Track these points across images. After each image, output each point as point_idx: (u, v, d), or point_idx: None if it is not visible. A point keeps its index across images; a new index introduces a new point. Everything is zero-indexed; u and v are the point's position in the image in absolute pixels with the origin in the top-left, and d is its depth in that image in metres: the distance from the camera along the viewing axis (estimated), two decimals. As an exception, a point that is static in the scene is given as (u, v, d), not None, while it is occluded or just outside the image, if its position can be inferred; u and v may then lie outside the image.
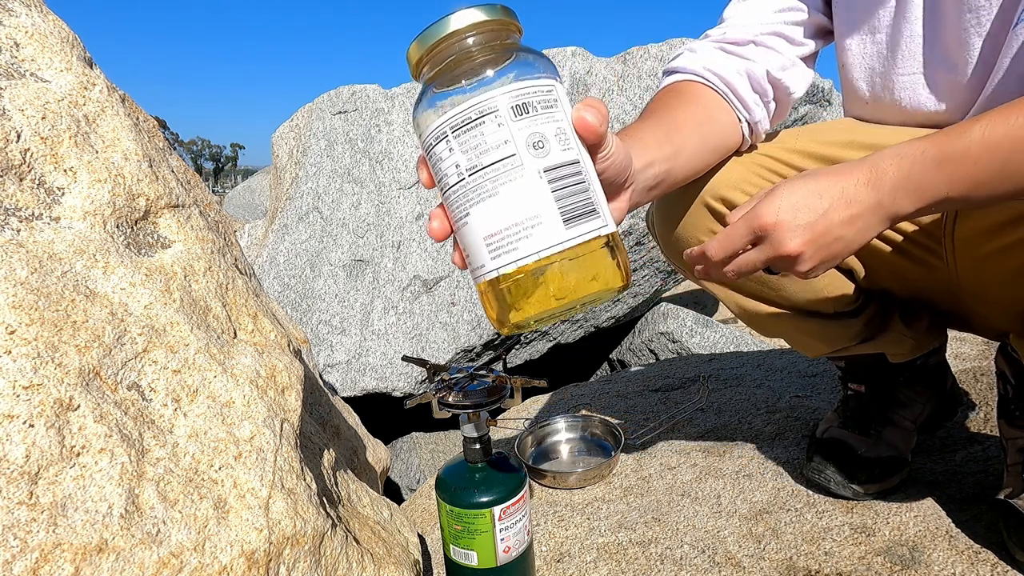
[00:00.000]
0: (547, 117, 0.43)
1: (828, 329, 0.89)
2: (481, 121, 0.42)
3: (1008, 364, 0.88)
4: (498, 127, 0.42)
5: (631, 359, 2.25)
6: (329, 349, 2.09)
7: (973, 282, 0.79)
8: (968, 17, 0.69)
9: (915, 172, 0.58)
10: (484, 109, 0.42)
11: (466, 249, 0.45)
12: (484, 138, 0.42)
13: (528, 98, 0.43)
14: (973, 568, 0.77)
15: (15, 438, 0.47)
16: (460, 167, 0.43)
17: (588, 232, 0.43)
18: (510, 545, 0.75)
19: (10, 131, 0.58)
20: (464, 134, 0.43)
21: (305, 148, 2.42)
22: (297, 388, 0.70)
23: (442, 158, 0.44)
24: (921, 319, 0.93)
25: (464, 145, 0.43)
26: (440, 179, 0.45)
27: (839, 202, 0.60)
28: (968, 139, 0.55)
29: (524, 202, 0.42)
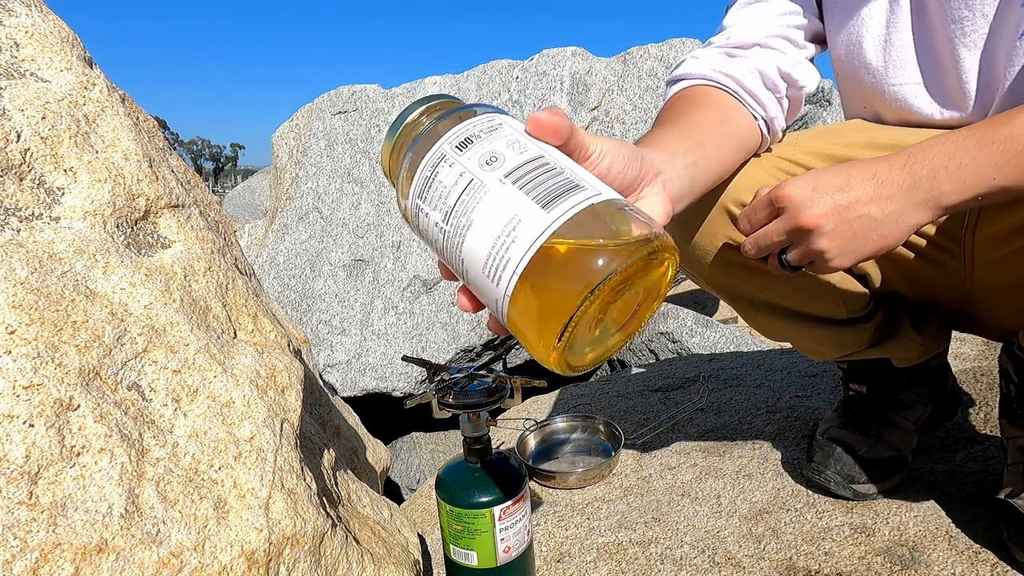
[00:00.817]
0: (492, 138, 0.43)
1: (838, 335, 0.89)
2: (436, 171, 0.43)
3: (1012, 363, 0.87)
4: (449, 167, 0.42)
5: (631, 359, 2.25)
6: (329, 349, 2.09)
7: (987, 283, 0.79)
8: (952, 28, 0.69)
9: (959, 154, 0.55)
10: (435, 162, 0.43)
11: (486, 302, 0.42)
12: (442, 183, 0.42)
13: (469, 132, 0.43)
14: (973, 568, 0.77)
15: (15, 438, 0.47)
16: (439, 224, 0.43)
17: (576, 204, 0.39)
18: (510, 545, 0.75)
19: (10, 131, 0.58)
20: (428, 192, 0.43)
21: (305, 148, 2.42)
22: (297, 388, 0.70)
23: (426, 228, 0.44)
24: (931, 324, 0.93)
25: (432, 202, 0.43)
26: (436, 250, 0.45)
27: (867, 181, 0.57)
28: (1013, 126, 0.54)
29: (498, 212, 0.40)
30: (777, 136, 0.81)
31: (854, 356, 0.94)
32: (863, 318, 0.88)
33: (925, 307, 0.92)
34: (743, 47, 0.78)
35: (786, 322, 0.89)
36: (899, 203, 0.56)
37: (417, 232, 0.47)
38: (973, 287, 0.81)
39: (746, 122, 0.75)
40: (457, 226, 0.41)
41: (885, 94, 0.78)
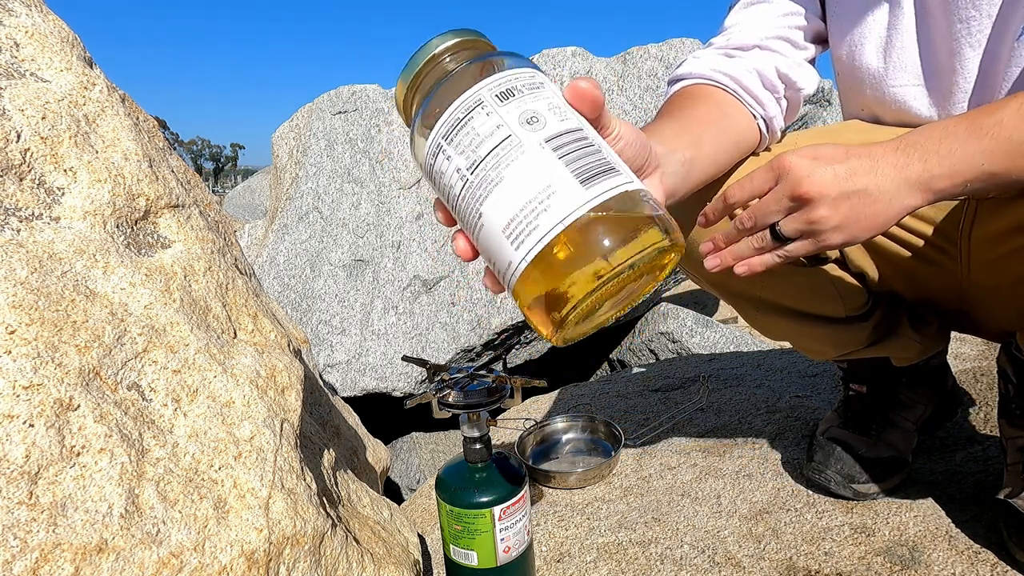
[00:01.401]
0: (535, 96, 0.42)
1: (837, 334, 0.89)
2: (469, 117, 0.41)
3: (1010, 363, 0.87)
4: (487, 116, 0.41)
5: (631, 359, 2.25)
6: (329, 349, 2.09)
7: (985, 283, 0.79)
8: (959, 28, 0.69)
9: (948, 139, 0.55)
10: (470, 105, 0.41)
11: (491, 259, 0.42)
12: (476, 131, 0.41)
13: (511, 84, 0.42)
14: (973, 568, 0.77)
15: (15, 438, 0.47)
16: (461, 170, 0.41)
17: (612, 188, 0.39)
18: (510, 545, 0.75)
19: (10, 131, 0.58)
20: (456, 136, 0.41)
21: (305, 148, 2.42)
22: (297, 388, 0.70)
23: (443, 171, 0.42)
24: (930, 323, 0.93)
25: (459, 146, 0.41)
26: (448, 196, 0.43)
27: (863, 158, 0.57)
28: (1002, 113, 0.54)
29: (533, 176, 0.39)
30: (776, 136, 0.81)
31: (853, 355, 0.94)
32: (861, 317, 0.88)
33: (924, 307, 0.92)
34: (743, 48, 0.79)
35: (785, 320, 0.89)
36: (893, 182, 0.56)
37: (427, 171, 0.45)
38: (970, 287, 0.81)
39: (745, 120, 0.76)
40: (484, 179, 0.40)
41: (885, 95, 0.78)
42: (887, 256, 0.83)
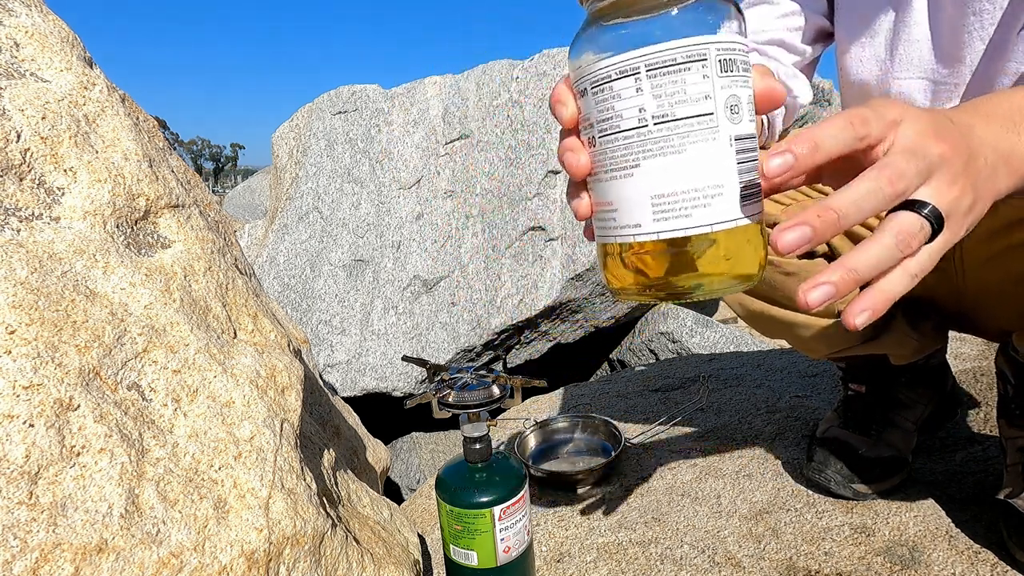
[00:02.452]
0: (744, 80, 0.38)
1: (831, 330, 0.89)
2: (686, 67, 0.37)
3: (1008, 364, 0.88)
4: (703, 79, 0.37)
5: (631, 359, 2.25)
6: (329, 349, 2.09)
7: (980, 282, 0.79)
8: (972, 20, 0.69)
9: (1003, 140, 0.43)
10: (693, 55, 0.36)
11: (614, 202, 0.39)
12: (685, 87, 0.37)
13: (733, 55, 0.38)
14: (973, 568, 0.77)
15: (15, 438, 0.47)
16: (645, 112, 0.37)
17: (755, 214, 0.38)
18: (510, 545, 0.75)
19: (10, 131, 0.58)
20: (662, 76, 0.37)
21: (305, 148, 2.42)
22: (297, 388, 0.70)
23: (620, 96, 0.38)
24: (926, 320, 0.93)
25: (659, 89, 0.37)
26: (602, 119, 0.39)
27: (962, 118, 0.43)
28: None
29: (711, 168, 0.37)
30: (775, 137, 0.82)
31: (848, 352, 0.94)
32: None
33: (921, 304, 0.92)
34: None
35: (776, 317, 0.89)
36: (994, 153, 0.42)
37: (589, 85, 0.39)
38: (967, 286, 0.81)
39: None
40: (665, 140, 0.37)
41: (890, 88, 0.78)
42: None
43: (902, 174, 0.37)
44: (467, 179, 2.17)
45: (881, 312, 0.39)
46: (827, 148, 0.37)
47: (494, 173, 2.14)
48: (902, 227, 0.38)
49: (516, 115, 2.16)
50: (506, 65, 2.24)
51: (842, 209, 0.37)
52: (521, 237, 2.04)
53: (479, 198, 2.13)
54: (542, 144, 2.09)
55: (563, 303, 2.00)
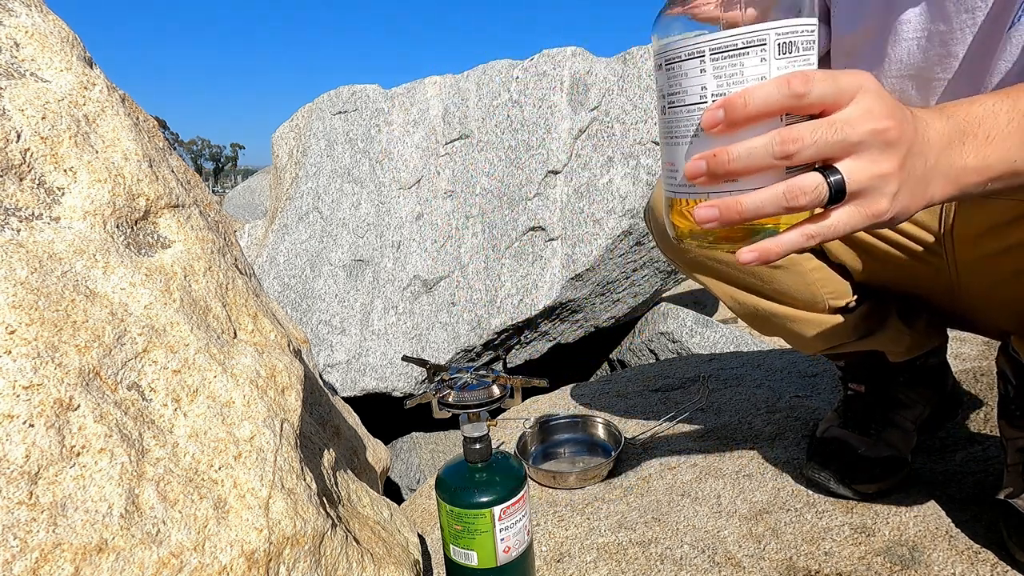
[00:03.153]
0: (804, 60, 0.42)
1: (823, 325, 0.89)
2: (745, 52, 0.41)
3: (1009, 364, 0.88)
4: (760, 62, 0.41)
5: (631, 359, 2.25)
6: (329, 349, 2.09)
7: (973, 281, 0.79)
8: (964, 17, 0.69)
9: (988, 121, 0.46)
10: (752, 40, 0.40)
11: (675, 163, 0.45)
12: (743, 70, 0.41)
13: (795, 37, 0.41)
14: (973, 568, 0.77)
15: (15, 438, 0.47)
16: (707, 90, 0.42)
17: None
18: (510, 545, 0.75)
19: (10, 131, 0.58)
20: (723, 59, 0.41)
21: (305, 148, 2.42)
22: (297, 388, 0.70)
23: (686, 74, 0.42)
24: (919, 316, 0.93)
25: (719, 71, 0.41)
26: (677, 92, 0.43)
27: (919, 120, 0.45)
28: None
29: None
30: None
31: (843, 348, 0.94)
32: (846, 308, 0.88)
33: (916, 303, 0.92)
34: None
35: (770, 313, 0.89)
36: (934, 157, 0.45)
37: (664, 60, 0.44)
38: (961, 286, 0.81)
39: None
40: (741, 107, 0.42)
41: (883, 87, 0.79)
42: (872, 252, 0.84)
43: (797, 138, 0.40)
44: (467, 179, 2.17)
45: (768, 258, 0.44)
46: (757, 104, 0.40)
47: (494, 173, 2.14)
48: (797, 182, 0.41)
49: (516, 115, 2.16)
50: (506, 65, 2.24)
51: (732, 153, 0.41)
52: (521, 237, 2.04)
53: (479, 198, 2.13)
54: (542, 144, 2.09)
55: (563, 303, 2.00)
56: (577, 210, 2.00)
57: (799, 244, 0.43)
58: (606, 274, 2.02)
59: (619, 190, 1.97)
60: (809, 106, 0.41)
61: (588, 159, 2.05)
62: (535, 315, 1.97)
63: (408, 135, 2.28)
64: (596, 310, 2.11)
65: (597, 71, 2.13)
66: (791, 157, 0.41)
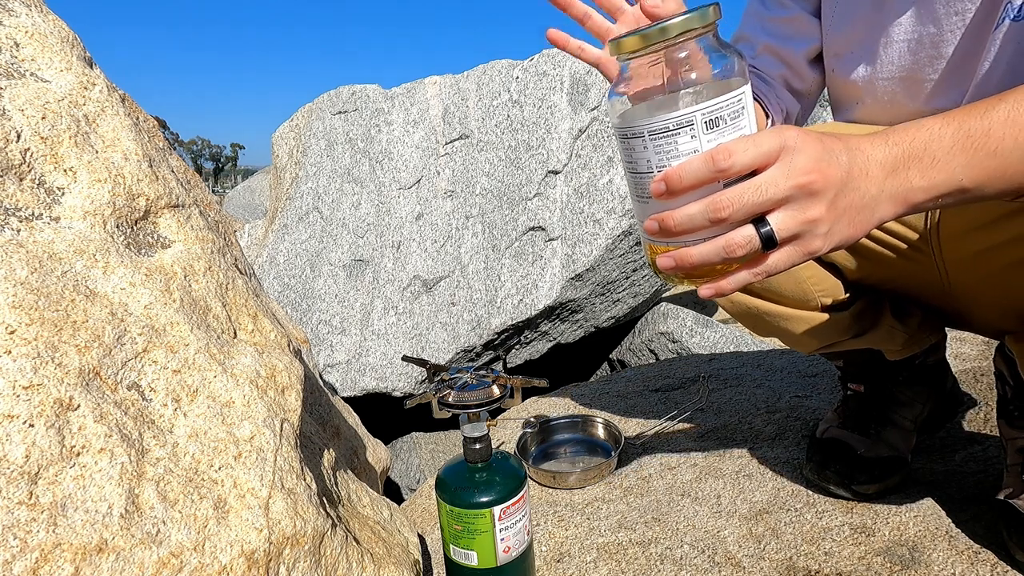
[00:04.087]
0: (733, 127, 0.48)
1: (816, 323, 0.90)
2: (677, 132, 0.47)
3: (1006, 364, 0.88)
4: (691, 139, 0.47)
5: (631, 359, 2.25)
6: (329, 349, 2.09)
7: (963, 279, 0.80)
8: (955, 20, 0.69)
9: (933, 145, 0.49)
10: (680, 122, 0.47)
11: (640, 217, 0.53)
12: (677, 147, 0.47)
13: (721, 112, 0.47)
14: (973, 568, 0.77)
15: (15, 438, 0.47)
16: (651, 163, 0.49)
17: None
18: (510, 545, 0.75)
19: (10, 131, 0.58)
20: (660, 139, 0.48)
21: (305, 148, 2.42)
22: (297, 388, 0.70)
23: (634, 149, 0.50)
24: (913, 314, 0.93)
25: (658, 148, 0.48)
26: (631, 161, 0.51)
27: (857, 153, 0.49)
28: (991, 118, 0.49)
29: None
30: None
31: (838, 346, 0.95)
32: (839, 307, 0.89)
33: (911, 301, 0.92)
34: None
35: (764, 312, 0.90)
36: (878, 187, 0.49)
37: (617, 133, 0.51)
38: (952, 284, 0.81)
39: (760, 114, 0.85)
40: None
41: (875, 88, 0.79)
42: (861, 251, 0.84)
43: (728, 204, 0.47)
44: (467, 179, 2.17)
45: (722, 293, 0.51)
46: (689, 180, 0.47)
47: (494, 173, 2.14)
48: (733, 237, 0.47)
49: (516, 115, 2.16)
50: (506, 65, 2.24)
51: (676, 217, 0.48)
52: (521, 237, 2.04)
53: (479, 198, 2.13)
54: (542, 144, 2.09)
55: (563, 303, 2.00)
56: (577, 210, 2.00)
57: (747, 280, 0.50)
58: (606, 274, 2.02)
59: (619, 190, 1.97)
60: (736, 174, 0.47)
61: (588, 159, 2.05)
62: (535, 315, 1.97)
63: (408, 135, 2.28)
64: (596, 310, 2.12)
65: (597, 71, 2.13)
66: (724, 221, 0.47)
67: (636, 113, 0.50)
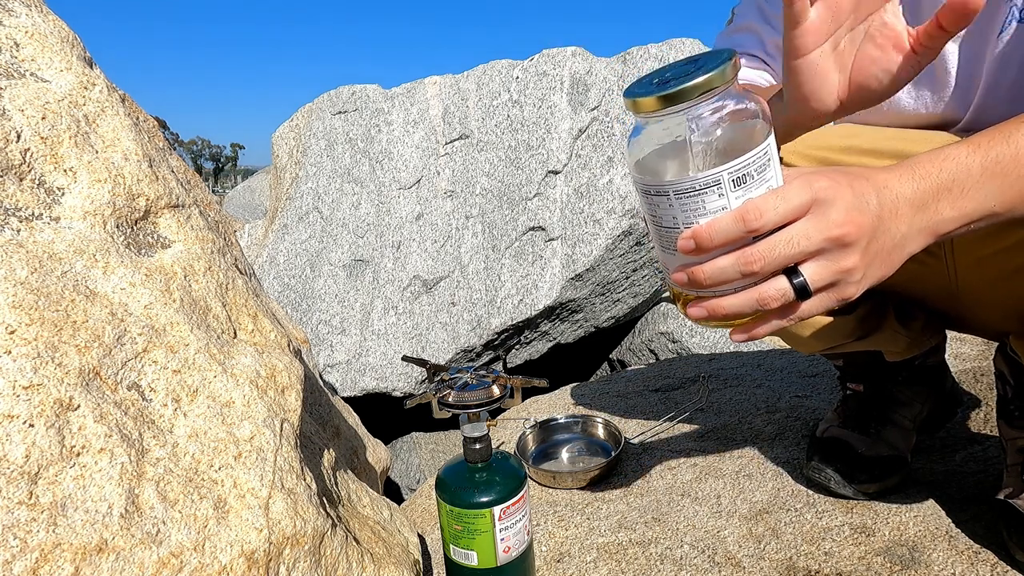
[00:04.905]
0: (760, 182, 0.46)
1: (820, 326, 0.90)
2: (704, 192, 0.46)
3: (1007, 365, 0.88)
4: (719, 197, 0.46)
5: (631, 359, 2.25)
6: (329, 349, 2.09)
7: (972, 283, 0.79)
8: None
9: (962, 176, 0.49)
10: (708, 182, 0.46)
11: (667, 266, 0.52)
12: (704, 204, 0.46)
13: (747, 169, 0.46)
14: (973, 568, 0.77)
15: (15, 438, 0.47)
16: (677, 220, 0.48)
17: None
18: (510, 545, 0.76)
19: (10, 131, 0.58)
20: (686, 198, 0.47)
21: (305, 148, 2.42)
22: (297, 388, 0.70)
23: (659, 205, 0.49)
24: (917, 318, 0.93)
25: (684, 207, 0.47)
26: (655, 215, 0.50)
27: (886, 192, 0.48)
28: (1016, 141, 0.49)
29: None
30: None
31: (841, 348, 0.95)
32: (843, 309, 0.89)
33: (916, 304, 0.92)
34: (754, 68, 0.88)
35: None
36: (908, 225, 0.49)
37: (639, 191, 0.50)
38: (960, 287, 0.81)
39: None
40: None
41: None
42: None
43: (759, 258, 0.46)
44: (467, 179, 2.17)
45: (756, 337, 0.51)
46: (719, 239, 0.46)
47: (494, 173, 2.14)
48: (765, 290, 0.47)
49: (516, 115, 2.16)
50: (506, 65, 2.24)
51: (707, 271, 0.47)
52: (521, 237, 2.04)
53: (479, 198, 2.13)
54: (542, 144, 2.09)
55: (563, 303, 2.00)
56: (577, 210, 2.00)
57: (780, 326, 0.50)
58: (606, 274, 2.02)
59: (619, 190, 1.97)
60: (766, 232, 0.46)
61: (588, 159, 2.05)
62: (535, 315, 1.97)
63: (408, 135, 2.28)
64: (596, 310, 2.12)
65: (597, 71, 2.13)
66: (756, 275, 0.46)
67: (658, 168, 0.48)
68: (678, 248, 0.48)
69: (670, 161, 0.48)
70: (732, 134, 0.46)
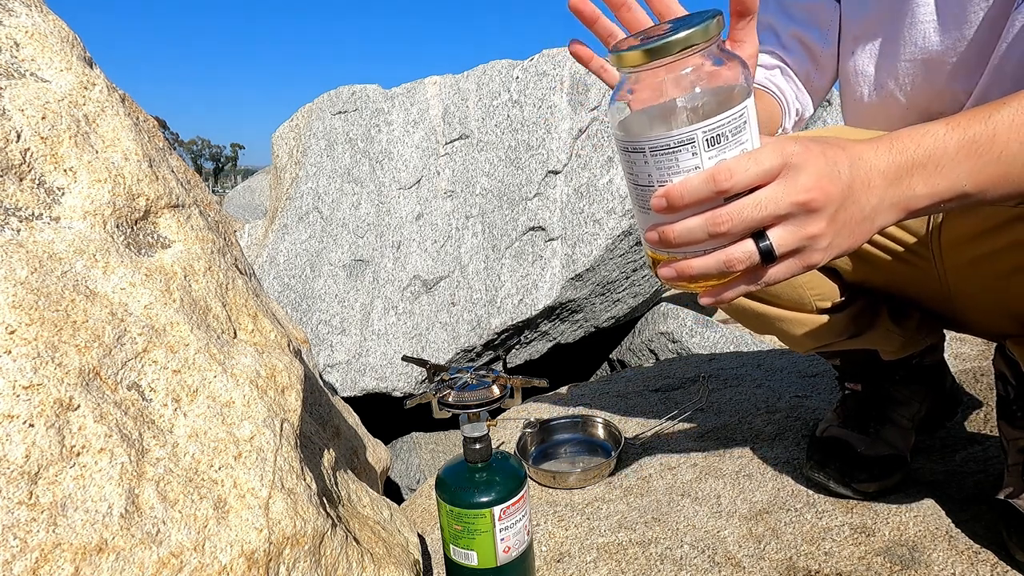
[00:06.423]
0: (735, 144, 0.47)
1: (812, 325, 0.90)
2: (678, 150, 0.47)
3: (1007, 365, 0.88)
4: (692, 155, 0.47)
5: (631, 359, 2.25)
6: (329, 349, 2.09)
7: (964, 285, 0.80)
8: (980, 2, 0.69)
9: (937, 153, 0.49)
10: (682, 140, 0.46)
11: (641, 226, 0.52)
12: (678, 163, 0.47)
13: (721, 129, 0.46)
14: (973, 568, 0.77)
15: (15, 438, 0.47)
16: (652, 178, 0.49)
17: None
18: (510, 545, 0.75)
19: (10, 131, 0.58)
20: (661, 155, 0.47)
21: (305, 148, 2.42)
22: (297, 388, 0.70)
23: (636, 163, 0.49)
24: (911, 317, 0.93)
25: (658, 164, 0.48)
26: (632, 173, 0.50)
27: (858, 163, 0.49)
28: (996, 123, 0.49)
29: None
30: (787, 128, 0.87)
31: (834, 346, 0.95)
32: (836, 308, 0.89)
33: (910, 304, 0.92)
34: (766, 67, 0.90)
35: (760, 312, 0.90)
36: (879, 197, 0.49)
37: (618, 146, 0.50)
38: (953, 289, 0.81)
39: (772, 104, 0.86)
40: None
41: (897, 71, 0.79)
42: (860, 255, 0.84)
43: (727, 219, 0.47)
44: (467, 179, 2.17)
45: (722, 302, 0.52)
46: (690, 197, 0.47)
47: (494, 173, 2.14)
48: (732, 252, 0.48)
49: (516, 115, 2.16)
50: (506, 65, 2.24)
51: (676, 230, 0.48)
52: (521, 237, 2.04)
53: (479, 198, 2.13)
54: (542, 144, 2.09)
55: (563, 303, 2.00)
56: (577, 210, 2.00)
57: (747, 290, 0.51)
58: (606, 274, 2.02)
59: (619, 190, 1.97)
60: (736, 194, 0.47)
61: (588, 159, 2.05)
62: (535, 315, 1.97)
63: (408, 135, 2.28)
64: (596, 310, 2.11)
65: (597, 71, 2.12)
66: (723, 235, 0.47)
67: (637, 125, 0.49)
68: (651, 206, 0.49)
69: (648, 118, 0.48)
70: (709, 94, 0.46)
